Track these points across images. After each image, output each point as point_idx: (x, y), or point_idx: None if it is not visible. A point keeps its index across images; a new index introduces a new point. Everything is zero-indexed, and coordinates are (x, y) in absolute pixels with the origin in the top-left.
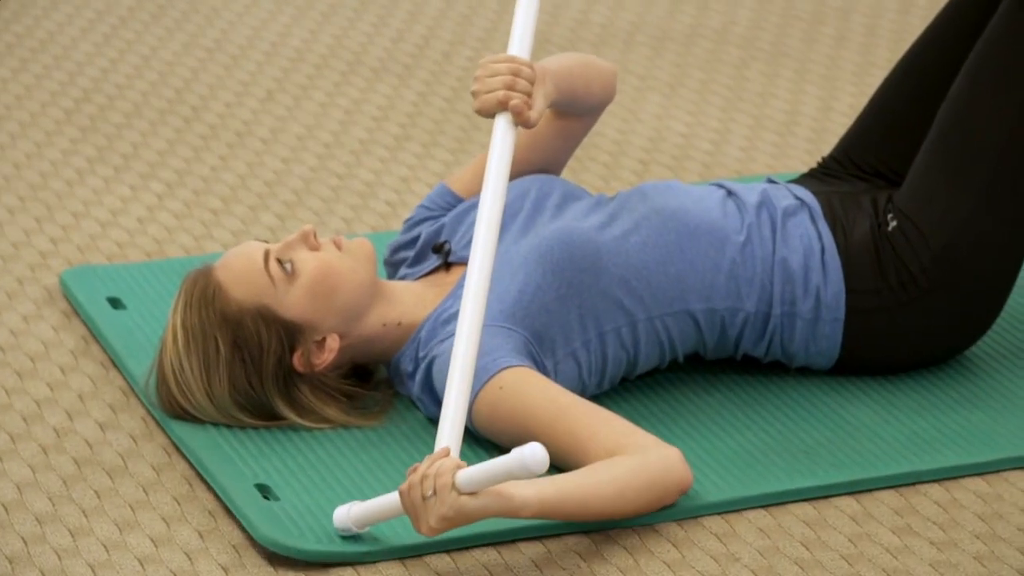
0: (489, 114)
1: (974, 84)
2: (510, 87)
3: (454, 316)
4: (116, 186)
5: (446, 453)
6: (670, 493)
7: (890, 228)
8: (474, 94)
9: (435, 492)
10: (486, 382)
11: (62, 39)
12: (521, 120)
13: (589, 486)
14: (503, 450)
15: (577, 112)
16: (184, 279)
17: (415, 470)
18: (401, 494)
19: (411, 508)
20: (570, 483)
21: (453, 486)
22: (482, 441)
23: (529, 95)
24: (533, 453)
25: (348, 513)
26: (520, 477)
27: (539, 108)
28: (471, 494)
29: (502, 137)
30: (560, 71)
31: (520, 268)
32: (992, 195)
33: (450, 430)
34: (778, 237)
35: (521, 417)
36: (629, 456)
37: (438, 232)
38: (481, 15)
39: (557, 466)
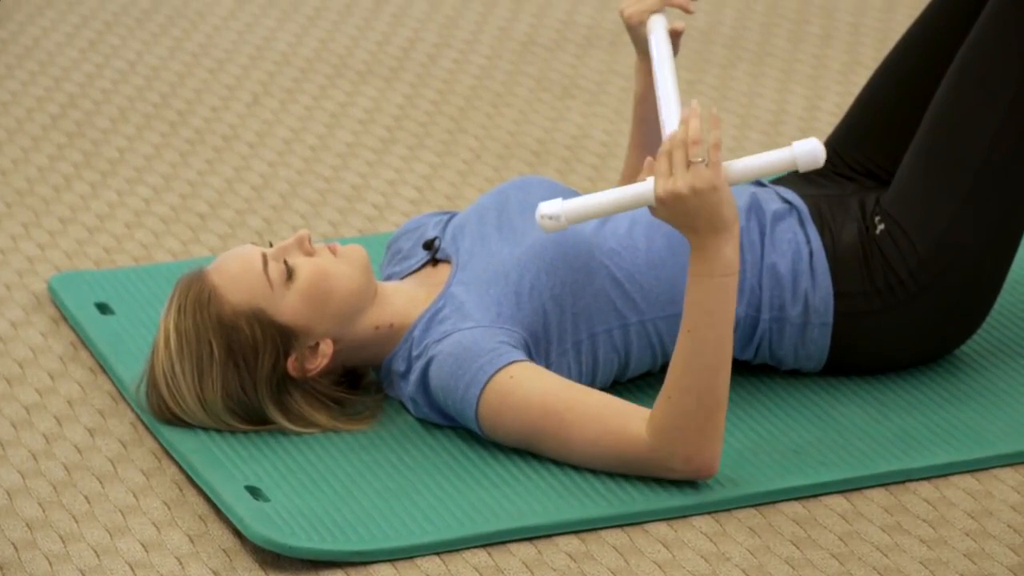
0: (641, 19)
1: (958, 87)
2: None
3: (447, 316)
4: (103, 191)
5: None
6: (705, 452)
7: (878, 232)
8: (622, 11)
9: (708, 162)
10: (496, 372)
11: (47, 44)
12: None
13: (730, 345)
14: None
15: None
16: (177, 282)
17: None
18: (661, 153)
19: (667, 166)
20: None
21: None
22: (480, 446)
23: None
24: (816, 144)
25: (562, 204)
26: (804, 166)
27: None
28: None
29: (661, 39)
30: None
31: (513, 269)
32: (977, 198)
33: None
34: (767, 242)
35: (539, 402)
36: None
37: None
38: (466, 17)
39: (564, 458)
